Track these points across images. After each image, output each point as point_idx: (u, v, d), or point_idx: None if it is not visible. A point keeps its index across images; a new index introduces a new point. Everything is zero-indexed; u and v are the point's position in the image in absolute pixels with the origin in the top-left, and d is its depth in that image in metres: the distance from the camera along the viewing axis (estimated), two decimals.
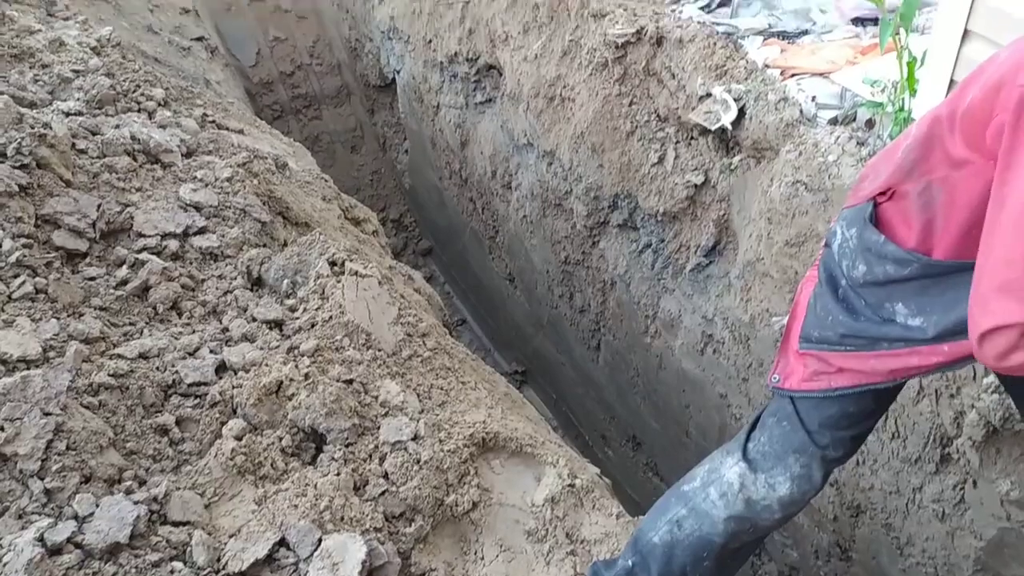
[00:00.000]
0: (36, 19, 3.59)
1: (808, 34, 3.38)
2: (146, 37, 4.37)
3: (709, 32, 3.36)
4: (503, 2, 4.41)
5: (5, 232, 2.15)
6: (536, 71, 4.21)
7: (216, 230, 2.58)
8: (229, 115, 3.78)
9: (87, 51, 3.45)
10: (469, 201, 5.27)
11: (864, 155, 2.54)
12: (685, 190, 3.43)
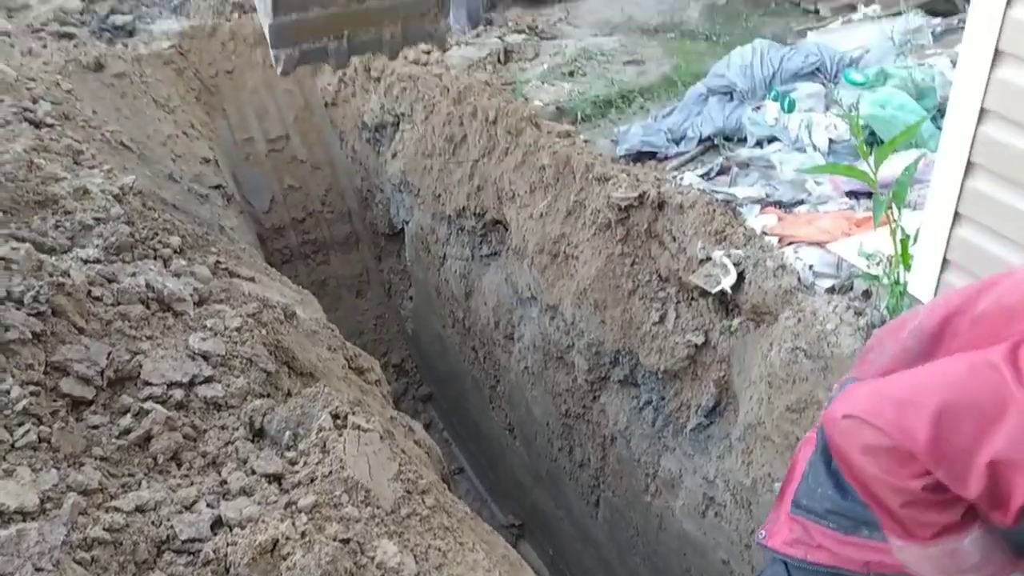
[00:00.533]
0: (63, 167, 3.74)
1: (804, 204, 3.52)
2: (167, 185, 4.53)
3: (709, 199, 3.50)
4: (511, 162, 4.60)
5: (14, 380, 2.17)
6: (541, 228, 4.34)
7: (222, 379, 2.60)
8: (241, 263, 3.87)
9: (110, 198, 3.57)
10: (471, 350, 5.31)
11: (862, 325, 2.60)
12: (686, 349, 3.47)
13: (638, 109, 5.30)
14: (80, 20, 6.07)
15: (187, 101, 5.47)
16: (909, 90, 3.70)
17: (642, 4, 6.58)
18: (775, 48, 4.44)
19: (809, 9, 5.93)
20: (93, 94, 4.63)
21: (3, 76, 4.12)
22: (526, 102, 5.11)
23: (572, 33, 6.26)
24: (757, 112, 4.10)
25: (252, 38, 6.04)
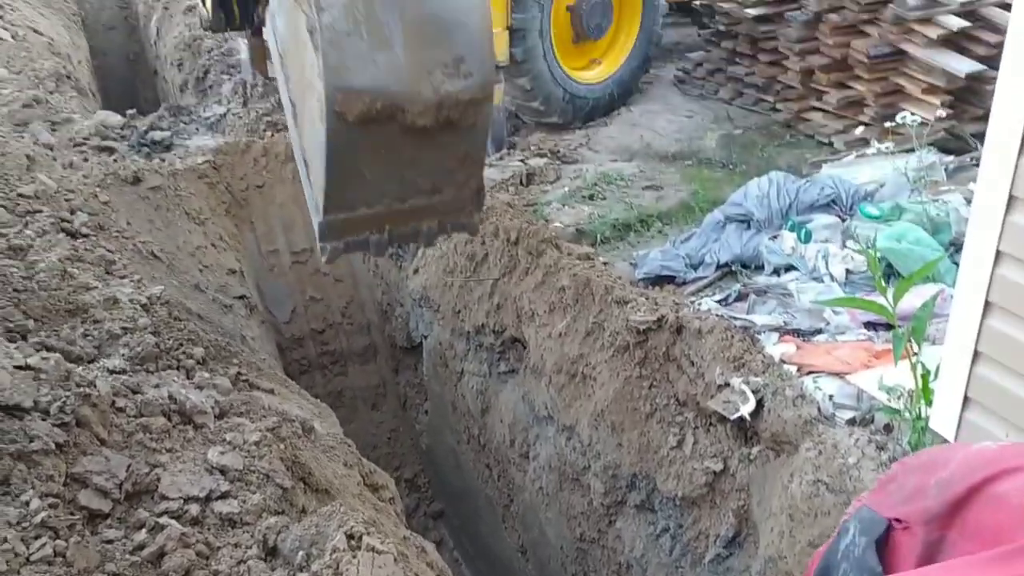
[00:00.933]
0: (95, 276, 3.83)
1: (822, 333, 3.54)
2: (193, 295, 4.62)
3: (727, 325, 3.54)
4: (531, 282, 4.67)
5: (35, 491, 2.18)
6: (560, 348, 4.37)
7: (238, 495, 2.59)
8: (262, 374, 3.91)
9: (138, 308, 3.65)
10: (485, 467, 5.26)
11: (884, 460, 2.57)
12: (704, 476, 3.44)
13: (656, 234, 5.40)
14: (120, 135, 6.33)
15: (217, 214, 5.63)
16: (924, 225, 3.78)
17: (660, 132, 6.79)
18: (791, 180, 4.56)
19: (823, 142, 6.10)
20: (129, 206, 4.78)
21: (44, 188, 4.28)
22: (547, 224, 5.23)
23: (592, 158, 6.44)
24: (774, 241, 4.18)
25: (283, 155, 6.26)
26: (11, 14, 7.97)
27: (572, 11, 6.60)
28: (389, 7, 2.56)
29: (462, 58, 2.63)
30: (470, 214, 3.06)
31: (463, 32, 2.66)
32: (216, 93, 7.87)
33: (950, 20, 5.41)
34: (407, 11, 2.59)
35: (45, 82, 6.74)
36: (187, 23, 9.22)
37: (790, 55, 6.33)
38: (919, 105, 5.50)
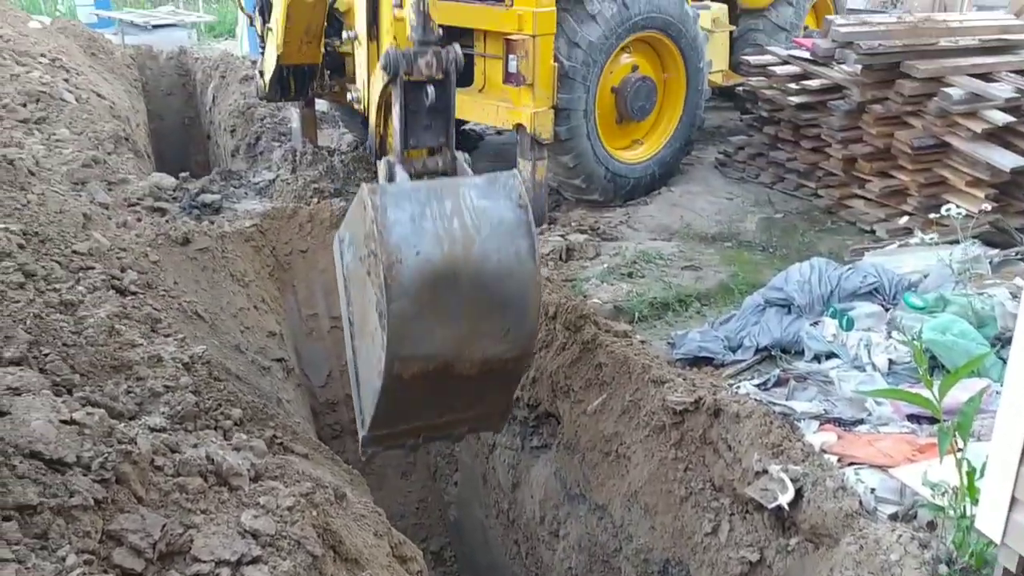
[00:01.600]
0: (141, 334, 3.91)
1: (864, 424, 3.48)
2: (233, 356, 4.68)
3: (766, 410, 3.49)
4: (568, 357, 4.67)
5: (71, 547, 2.19)
6: (594, 425, 4.34)
7: (269, 560, 2.58)
8: (297, 438, 3.92)
9: (180, 367, 3.71)
10: (514, 543, 5.17)
11: (927, 558, 2.50)
12: (739, 566, 3.35)
13: (694, 314, 5.39)
14: (172, 196, 6.52)
15: (261, 276, 5.73)
16: (969, 318, 3.73)
17: (700, 213, 6.83)
18: (833, 266, 4.55)
19: (865, 230, 6.09)
20: (177, 266, 4.89)
21: (98, 246, 4.40)
22: (585, 299, 5.25)
23: (632, 236, 6.49)
24: (815, 327, 4.15)
25: (328, 222, 6.39)
26: (77, 78, 8.32)
27: (617, 93, 6.74)
28: (453, 292, 2.90)
29: (509, 329, 2.99)
30: (497, 423, 3.52)
31: (514, 310, 3.01)
32: (266, 159, 8.10)
33: (995, 115, 5.44)
34: (469, 295, 2.92)
35: (104, 143, 6.98)
36: (242, 92, 9.55)
37: (832, 143, 6.37)
38: (963, 197, 5.50)
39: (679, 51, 6.87)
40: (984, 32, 6.27)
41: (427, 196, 2.94)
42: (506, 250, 2.98)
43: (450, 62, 2.99)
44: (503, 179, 3.13)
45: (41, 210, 4.47)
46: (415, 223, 2.89)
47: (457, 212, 2.94)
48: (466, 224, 2.94)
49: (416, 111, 3.14)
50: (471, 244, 2.93)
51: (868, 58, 5.85)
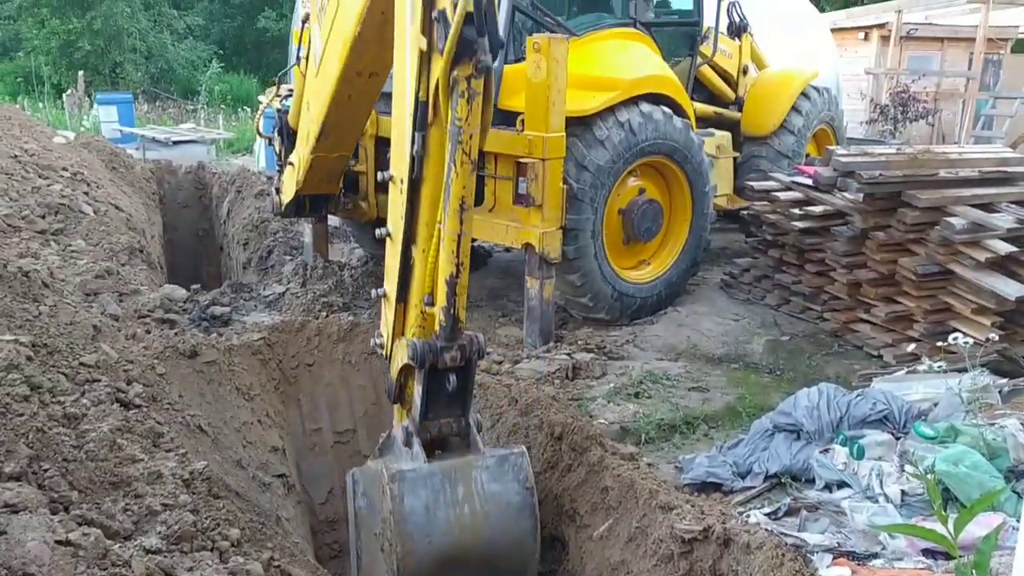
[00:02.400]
0: (142, 449, 3.87)
1: (878, 557, 3.38)
2: (234, 471, 4.61)
3: (777, 542, 3.40)
4: (574, 480, 4.58)
5: None
6: (601, 551, 4.22)
7: None
8: (295, 560, 3.81)
9: (180, 483, 3.65)
10: None
11: None
12: None
13: (702, 436, 5.33)
14: (183, 308, 6.58)
15: (266, 390, 5.71)
16: (981, 449, 3.68)
17: (706, 334, 6.84)
18: (841, 392, 4.52)
19: (872, 354, 6.09)
20: (183, 379, 4.88)
21: (105, 358, 4.41)
22: (592, 420, 5.20)
23: (638, 356, 6.48)
24: (825, 455, 4.09)
25: (335, 336, 6.41)
26: (97, 191, 8.54)
27: (624, 215, 6.88)
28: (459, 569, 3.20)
29: None
30: None
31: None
32: (277, 272, 8.21)
33: (997, 244, 5.52)
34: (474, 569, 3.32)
35: (119, 255, 7.10)
36: (257, 206, 9.77)
37: (837, 267, 6.44)
38: (969, 324, 5.51)
39: (685, 176, 7.05)
40: (983, 164, 6.43)
41: (441, 482, 3.31)
42: (511, 530, 3.45)
43: (473, 352, 3.21)
44: (512, 460, 3.56)
45: (52, 321, 4.50)
46: (429, 512, 3.27)
47: (468, 498, 3.35)
48: (476, 510, 3.36)
49: (437, 392, 3.37)
50: (480, 529, 3.37)
51: (869, 187, 5.98)
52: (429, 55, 2.90)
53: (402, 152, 3.14)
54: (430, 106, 2.96)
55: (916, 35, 17.78)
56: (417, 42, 2.94)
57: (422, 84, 2.94)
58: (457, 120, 2.82)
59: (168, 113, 23.15)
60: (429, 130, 3.00)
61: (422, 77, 2.94)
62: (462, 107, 2.81)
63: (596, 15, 7.31)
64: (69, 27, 25.89)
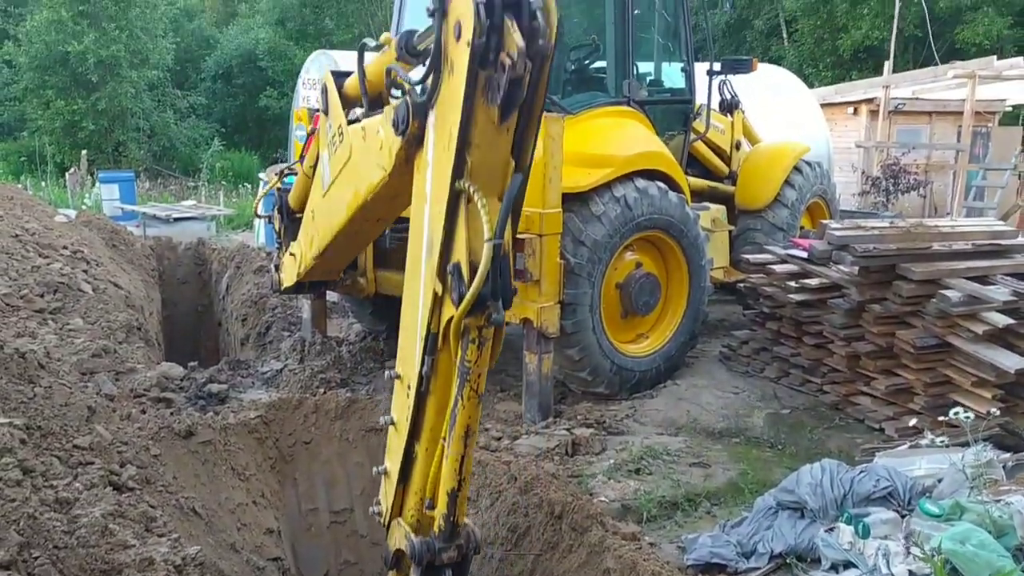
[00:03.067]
0: (134, 534, 3.80)
1: None
2: (227, 555, 4.53)
3: None
4: (575, 560, 4.51)
5: None
6: None
7: None
8: None
9: (171, 570, 3.58)
10: None
11: None
12: None
13: (704, 514, 5.24)
14: (179, 386, 6.54)
15: (262, 470, 5.65)
16: (987, 526, 3.62)
17: (706, 407, 6.79)
18: (844, 468, 4.47)
19: (874, 427, 6.04)
20: (177, 459, 4.84)
21: (100, 439, 4.38)
22: (592, 498, 5.12)
23: (638, 430, 6.42)
24: (830, 534, 4.02)
25: (334, 412, 6.37)
26: (96, 269, 8.58)
27: (621, 288, 6.90)
28: None
29: None
30: None
31: None
32: (275, 348, 8.19)
33: (995, 316, 5.53)
34: None
35: (116, 333, 7.10)
36: (256, 282, 9.81)
37: (835, 340, 6.44)
38: (969, 397, 5.48)
39: (681, 250, 7.11)
40: (976, 237, 6.49)
41: None
42: None
43: (471, 548, 3.23)
44: None
45: (47, 403, 4.48)
46: None
47: None
48: None
49: None
50: None
51: (864, 260, 6.02)
52: (442, 298, 2.89)
53: (409, 355, 3.13)
54: (440, 336, 2.95)
55: (904, 110, 18.16)
56: (432, 284, 2.91)
57: (434, 317, 2.94)
58: (467, 362, 2.82)
59: (170, 190, 23.45)
60: (438, 355, 2.99)
61: (434, 313, 2.93)
62: (472, 352, 2.82)
63: (590, 94, 7.46)
64: (74, 107, 26.40)
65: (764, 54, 29.47)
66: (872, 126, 17.94)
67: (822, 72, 27.99)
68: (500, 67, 2.52)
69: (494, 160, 2.76)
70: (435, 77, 2.79)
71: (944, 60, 19.21)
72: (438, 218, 2.85)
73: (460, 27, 2.58)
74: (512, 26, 2.48)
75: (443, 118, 2.80)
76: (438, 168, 2.87)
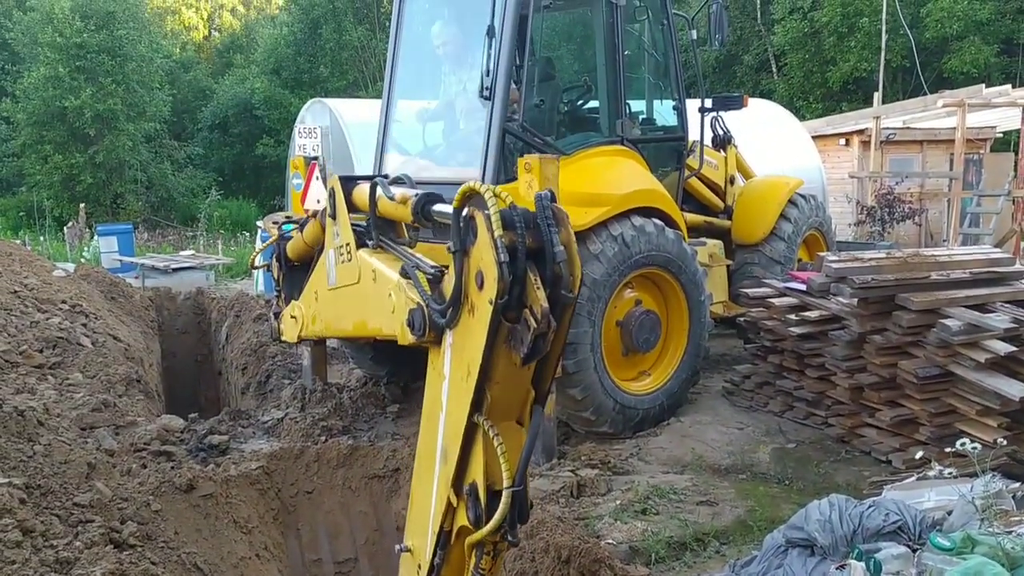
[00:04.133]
0: None
1: None
2: None
3: None
4: None
5: None
6: None
7: None
8: None
9: None
10: None
11: None
12: None
13: (713, 553, 5.18)
14: (180, 438, 6.49)
15: (265, 521, 5.59)
16: (1000, 559, 3.56)
17: (711, 444, 6.74)
18: (853, 503, 4.41)
19: (881, 459, 5.98)
20: (179, 514, 4.79)
21: (100, 496, 4.33)
22: (599, 540, 5.06)
23: (644, 469, 6.37)
24: (842, 571, 3.96)
25: (335, 461, 6.33)
26: (95, 323, 8.58)
27: (622, 326, 6.89)
28: None
29: None
30: None
31: None
32: (276, 397, 8.15)
33: (996, 344, 5.51)
34: None
35: (116, 386, 7.07)
36: (255, 330, 9.80)
37: (838, 372, 6.41)
38: (975, 426, 5.45)
39: (680, 286, 7.11)
40: (973, 265, 6.49)
41: None
42: None
43: None
44: None
45: (46, 461, 4.44)
46: None
47: None
48: None
49: None
50: None
51: (863, 291, 6.02)
52: (456, 508, 2.83)
53: (418, 528, 3.10)
54: (452, 535, 2.89)
55: (895, 139, 18.30)
56: (446, 492, 2.83)
57: (447, 519, 2.88)
58: (480, 569, 2.79)
59: (168, 240, 23.52)
60: (450, 551, 2.93)
61: (447, 516, 2.87)
62: (487, 562, 2.78)
63: (584, 134, 7.52)
64: (72, 161, 26.61)
65: (754, 88, 29.81)
66: (864, 156, 18.08)
67: (812, 104, 28.26)
68: (524, 323, 2.42)
69: (514, 395, 2.68)
70: (455, 310, 2.69)
71: (932, 89, 19.45)
72: (454, 436, 2.75)
73: (482, 278, 2.48)
74: (536, 281, 2.40)
75: (461, 348, 2.70)
76: (454, 394, 2.77)
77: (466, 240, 2.54)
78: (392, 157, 7.65)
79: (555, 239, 2.39)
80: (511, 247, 2.38)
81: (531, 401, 2.71)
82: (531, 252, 2.42)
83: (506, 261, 2.35)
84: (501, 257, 2.35)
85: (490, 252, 2.39)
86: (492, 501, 2.64)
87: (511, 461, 2.57)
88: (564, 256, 2.39)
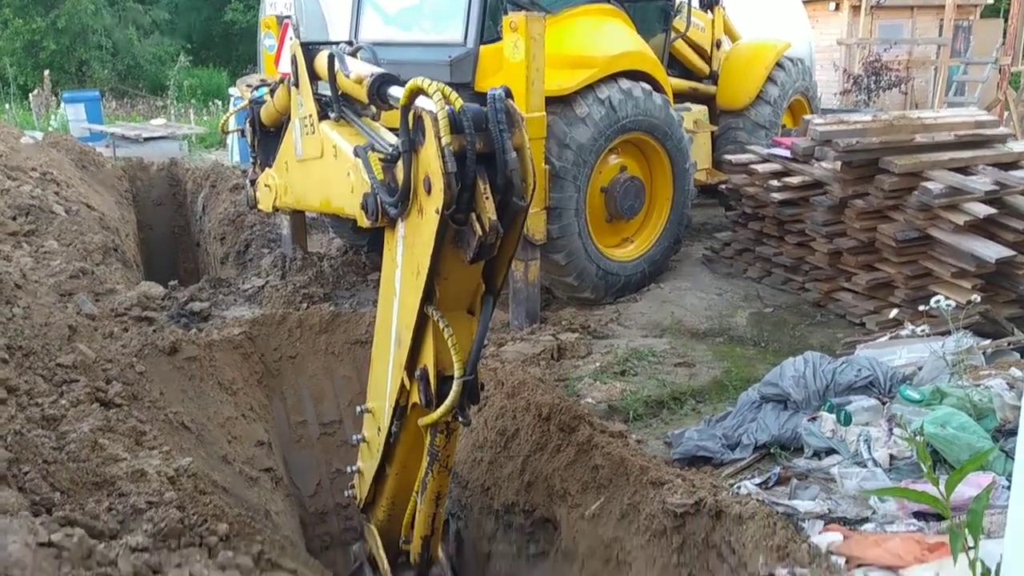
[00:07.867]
0: (124, 447, 3.81)
1: (869, 522, 3.38)
2: (220, 467, 4.56)
3: (769, 511, 3.39)
4: (563, 460, 4.56)
5: None
6: (593, 530, 4.20)
7: None
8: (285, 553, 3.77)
9: (164, 481, 3.59)
10: None
11: None
12: None
13: (690, 411, 5.32)
14: (160, 305, 6.48)
15: (250, 384, 5.65)
16: (967, 410, 3.69)
17: (690, 309, 6.83)
18: (826, 360, 4.52)
19: (855, 322, 6.10)
20: (163, 376, 4.82)
21: (83, 358, 4.34)
22: (579, 399, 5.18)
23: (623, 333, 6.47)
24: (813, 423, 4.09)
25: (317, 327, 6.35)
26: (67, 191, 8.40)
27: (606, 193, 6.85)
28: None
29: None
30: None
31: None
32: (256, 266, 8.12)
33: (976, 207, 5.53)
34: None
35: (93, 254, 6.99)
36: (232, 200, 9.67)
37: (817, 237, 6.44)
38: (950, 288, 5.53)
39: (666, 152, 7.03)
40: (959, 127, 6.44)
41: None
42: None
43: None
44: None
45: (26, 323, 4.42)
46: None
47: None
48: None
49: None
50: None
51: (847, 155, 5.98)
52: (410, 390, 2.87)
53: (379, 391, 3.13)
54: (408, 409, 2.98)
55: (886, 5, 17.83)
56: (400, 373, 2.86)
57: (402, 396, 2.92)
58: (435, 447, 2.83)
59: (137, 110, 22.86)
60: (407, 422, 3.01)
61: (402, 393, 2.92)
62: (440, 440, 2.83)
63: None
64: (33, 27, 25.49)
65: None
66: (854, 22, 17.64)
67: None
68: (471, 228, 2.32)
69: (463, 288, 2.64)
70: (404, 205, 2.56)
71: None
72: (406, 324, 2.75)
73: (430, 183, 2.35)
74: (485, 189, 2.28)
75: (411, 245, 2.62)
76: (406, 287, 2.73)
77: (415, 140, 2.41)
78: (369, 18, 7.35)
79: (507, 144, 2.27)
80: (460, 152, 2.25)
81: (482, 293, 2.71)
82: (482, 156, 2.30)
83: (453, 172, 2.24)
84: (448, 167, 2.23)
85: (436, 161, 2.27)
86: (443, 385, 2.70)
87: (462, 350, 2.58)
88: (516, 164, 2.29)
